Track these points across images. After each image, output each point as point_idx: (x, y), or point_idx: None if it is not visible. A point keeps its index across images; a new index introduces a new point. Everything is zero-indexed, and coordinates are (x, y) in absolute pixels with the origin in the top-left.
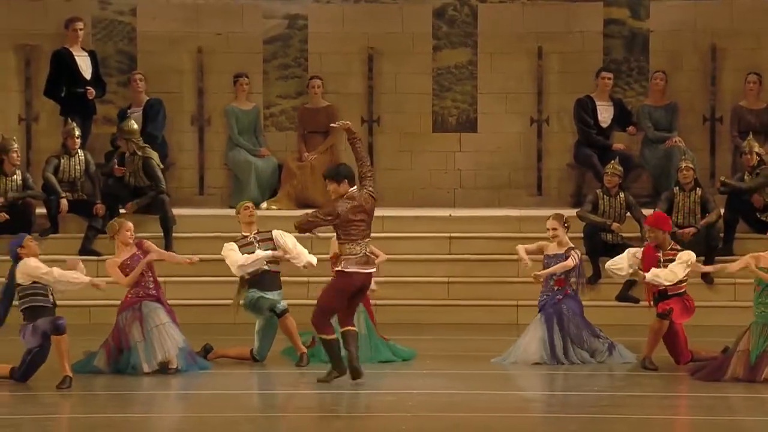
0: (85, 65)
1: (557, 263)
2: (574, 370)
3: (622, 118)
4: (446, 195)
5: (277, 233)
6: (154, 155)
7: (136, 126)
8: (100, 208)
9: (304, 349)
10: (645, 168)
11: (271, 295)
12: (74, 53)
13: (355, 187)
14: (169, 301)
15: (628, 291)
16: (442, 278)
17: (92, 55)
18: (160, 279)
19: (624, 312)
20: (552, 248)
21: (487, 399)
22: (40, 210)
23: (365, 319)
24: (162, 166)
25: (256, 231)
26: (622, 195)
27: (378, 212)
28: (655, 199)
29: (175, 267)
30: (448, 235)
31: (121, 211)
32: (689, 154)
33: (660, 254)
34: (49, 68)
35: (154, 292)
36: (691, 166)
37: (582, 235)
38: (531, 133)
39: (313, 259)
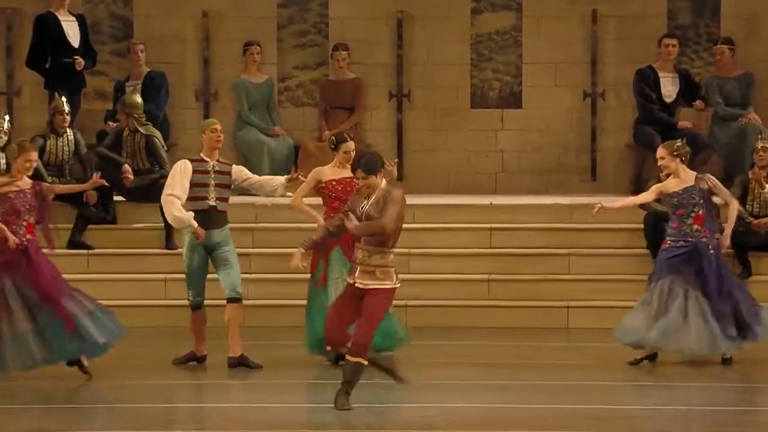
0: (72, 32)
1: (688, 196)
2: (639, 380)
3: (689, 91)
4: (487, 180)
5: (237, 168)
6: (158, 134)
7: (140, 100)
8: (91, 196)
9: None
10: (715, 149)
11: (215, 235)
12: (60, 18)
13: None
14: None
15: None
16: (481, 275)
17: (81, 20)
18: None
19: None
20: (672, 184)
21: (536, 414)
22: None
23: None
24: (165, 147)
25: (217, 159)
26: None
27: (408, 200)
28: (727, 184)
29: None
30: (488, 226)
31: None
32: (766, 132)
33: None
34: (32, 35)
35: (26, 241)
36: None
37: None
38: (584, 110)
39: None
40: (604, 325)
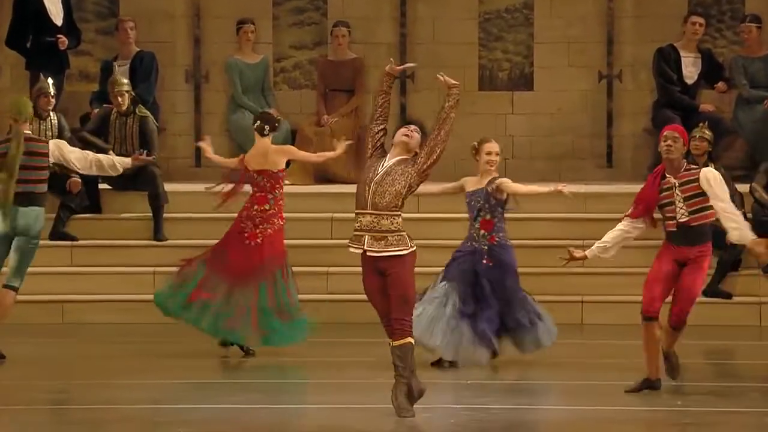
0: (55, 8)
1: (475, 199)
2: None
3: (712, 72)
4: None
5: (54, 143)
6: (151, 116)
7: (126, 80)
8: (74, 184)
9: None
10: (739, 134)
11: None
12: None
13: None
14: None
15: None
16: None
17: None
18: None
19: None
20: (470, 183)
21: (549, 416)
22: None
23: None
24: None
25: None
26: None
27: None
28: (751, 172)
29: None
30: None
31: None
32: None
33: None
34: (12, 12)
35: None
36: None
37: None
38: (599, 92)
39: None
40: (620, 321)
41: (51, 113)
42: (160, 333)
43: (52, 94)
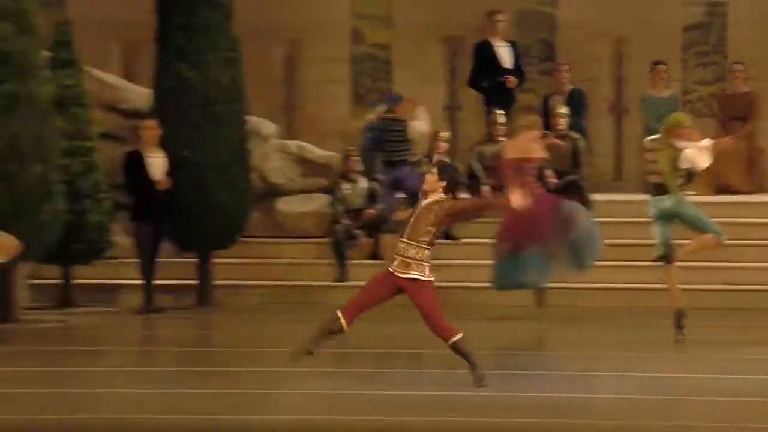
0: (505, 55)
1: None
2: None
3: None
4: None
5: None
6: (583, 141)
7: (564, 110)
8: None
9: None
10: None
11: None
12: (495, 44)
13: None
14: (595, 285)
15: None
16: None
17: (513, 45)
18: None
19: None
20: None
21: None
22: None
23: None
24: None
25: None
26: None
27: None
28: None
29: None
30: None
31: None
32: None
33: None
34: (473, 60)
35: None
36: None
37: None
38: None
39: None
40: None
41: (502, 139)
42: None
43: (500, 122)
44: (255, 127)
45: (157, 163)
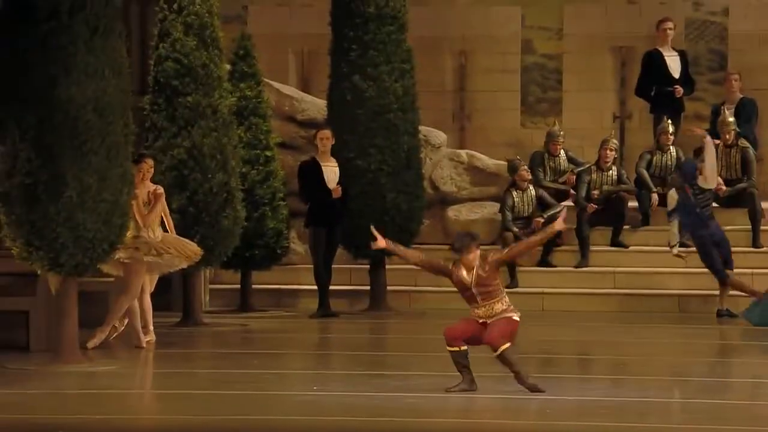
0: (674, 65)
1: None
2: None
3: None
4: None
5: None
6: (752, 149)
7: (732, 119)
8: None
9: None
10: None
11: None
12: (664, 54)
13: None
14: None
15: None
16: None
17: (682, 54)
18: None
19: None
20: None
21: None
22: (633, 203)
23: None
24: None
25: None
26: None
27: None
28: None
29: None
30: None
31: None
32: None
33: None
34: (641, 69)
35: None
36: None
37: None
38: None
39: None
40: None
41: (671, 147)
42: None
43: (670, 132)
44: (426, 136)
45: (331, 172)
